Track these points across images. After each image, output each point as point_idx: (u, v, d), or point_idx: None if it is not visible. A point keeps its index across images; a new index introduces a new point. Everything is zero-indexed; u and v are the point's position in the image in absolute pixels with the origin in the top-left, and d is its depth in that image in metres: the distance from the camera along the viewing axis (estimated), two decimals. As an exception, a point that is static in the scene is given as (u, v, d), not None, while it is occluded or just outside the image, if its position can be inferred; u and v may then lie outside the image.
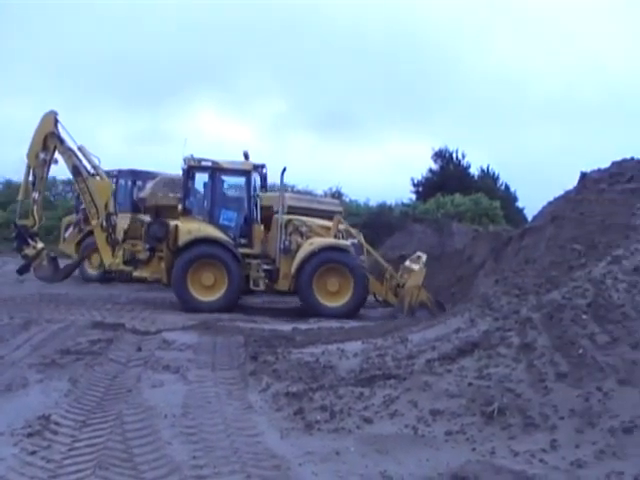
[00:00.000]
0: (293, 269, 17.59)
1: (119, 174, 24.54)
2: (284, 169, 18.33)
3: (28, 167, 19.56)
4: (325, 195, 39.83)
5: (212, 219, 18.17)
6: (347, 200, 40.83)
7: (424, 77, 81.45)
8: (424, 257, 18.26)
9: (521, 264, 12.31)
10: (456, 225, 32.13)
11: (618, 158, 13.58)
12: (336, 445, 6.74)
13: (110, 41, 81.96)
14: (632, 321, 7.98)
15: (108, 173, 22.31)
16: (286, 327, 14.18)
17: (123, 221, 23.02)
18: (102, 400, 8.29)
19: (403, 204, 43.26)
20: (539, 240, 12.97)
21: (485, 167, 51.50)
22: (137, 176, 24.84)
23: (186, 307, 17.16)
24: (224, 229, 18.09)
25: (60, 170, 20.94)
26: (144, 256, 18.37)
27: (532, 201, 46.76)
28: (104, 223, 18.69)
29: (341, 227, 18.95)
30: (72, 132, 19.62)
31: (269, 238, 18.47)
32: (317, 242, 17.84)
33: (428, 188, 47.93)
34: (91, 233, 23.12)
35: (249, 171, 18.46)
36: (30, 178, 19.83)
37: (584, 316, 8.27)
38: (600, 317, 8.19)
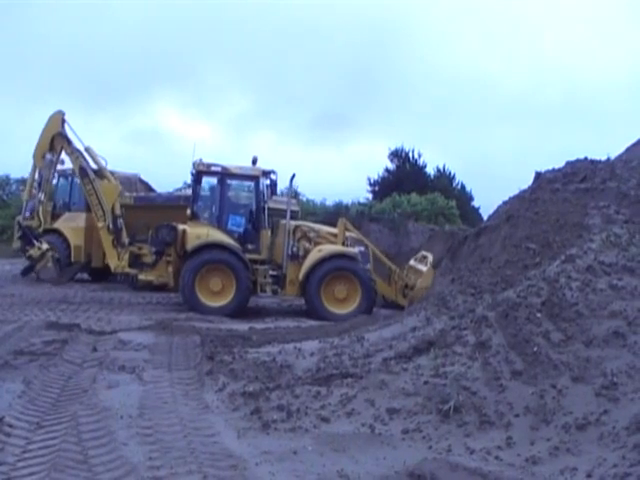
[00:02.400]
0: (301, 275, 17.51)
1: (74, 173, 24.24)
2: (293, 175, 18.48)
3: (34, 167, 19.22)
4: (282, 194, 39.77)
5: (220, 224, 18.06)
6: (304, 199, 40.74)
7: (383, 76, 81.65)
8: (430, 257, 18.32)
9: (477, 263, 12.42)
10: (412, 224, 32.24)
11: (572, 158, 13.76)
12: (293, 444, 6.75)
13: (69, 38, 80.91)
14: (585, 319, 8.09)
15: (64, 171, 22.06)
16: (243, 326, 14.17)
17: (78, 219, 22.86)
18: (57, 401, 8.20)
19: (359, 203, 43.21)
20: (494, 239, 13.08)
21: (441, 167, 51.83)
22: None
23: (193, 312, 16.90)
24: (232, 234, 17.97)
25: (14, 169, 20.64)
26: (150, 259, 18.14)
27: (487, 200, 47.07)
28: (111, 226, 18.35)
29: (349, 234, 18.88)
30: (31, 129, 19.40)
31: (276, 244, 18.40)
32: (326, 249, 17.78)
33: (384, 187, 48.01)
34: (45, 232, 22.87)
35: (258, 176, 18.34)
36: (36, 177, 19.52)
37: (538, 314, 8.36)
38: (554, 315, 8.29)
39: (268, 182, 18.76)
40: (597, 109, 78.60)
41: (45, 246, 19.16)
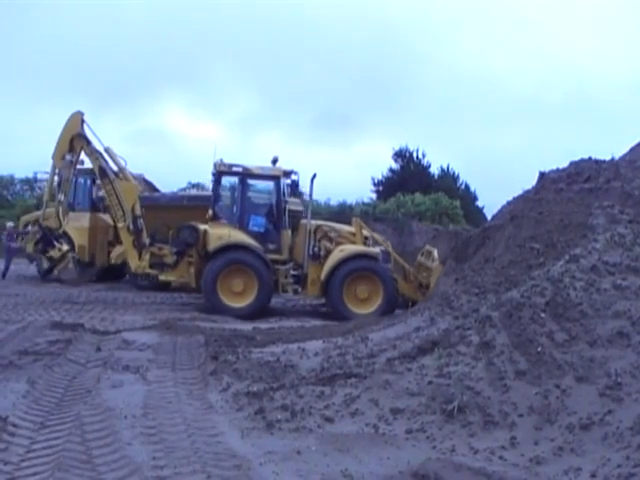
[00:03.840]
0: (323, 275, 17.42)
1: (78, 173, 24.20)
2: (314, 175, 18.25)
3: (54, 168, 19.11)
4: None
5: (241, 224, 18.03)
6: (307, 199, 40.77)
7: (387, 76, 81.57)
8: (435, 252, 18.29)
9: (481, 263, 12.40)
10: (416, 224, 32.30)
11: (576, 158, 13.73)
12: (297, 444, 6.75)
13: (75, 39, 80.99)
14: (589, 319, 8.09)
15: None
16: (246, 326, 14.17)
17: (83, 220, 22.86)
18: (61, 401, 8.20)
19: (364, 203, 43.19)
20: (499, 239, 13.07)
21: (445, 166, 51.82)
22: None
23: (215, 313, 16.85)
24: (253, 234, 17.91)
25: (18, 169, 20.48)
26: (171, 260, 18.11)
27: (492, 200, 47.17)
28: (131, 226, 18.25)
29: (366, 233, 18.78)
30: (36, 129, 19.28)
31: (297, 244, 18.35)
32: (347, 249, 17.72)
33: (388, 187, 48.02)
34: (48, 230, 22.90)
35: (278, 177, 18.30)
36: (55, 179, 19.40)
37: (542, 314, 8.36)
38: (558, 315, 8.29)
39: (289, 182, 18.66)
40: (601, 109, 78.57)
41: (65, 247, 19.01)
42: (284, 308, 19.61)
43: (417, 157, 51.29)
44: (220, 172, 18.24)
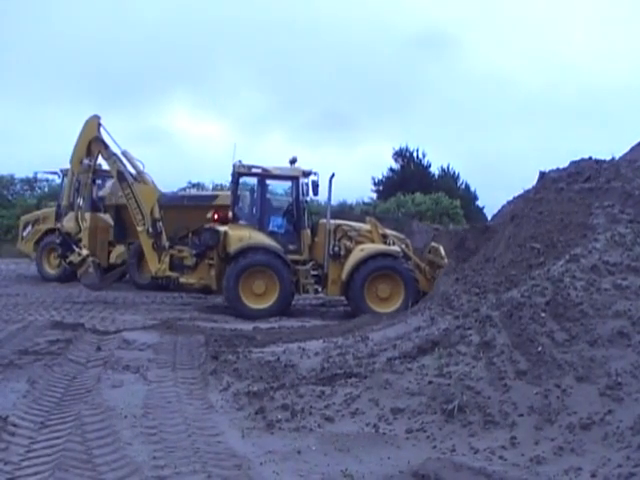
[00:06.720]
0: (344, 275, 17.35)
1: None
2: (332, 175, 18.18)
3: (72, 173, 19.05)
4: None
5: (261, 225, 17.99)
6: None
7: (388, 76, 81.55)
8: (441, 249, 18.30)
9: (481, 263, 12.40)
10: (417, 224, 32.20)
11: (577, 158, 13.72)
12: (297, 444, 6.75)
13: (80, 37, 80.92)
14: (590, 319, 8.09)
15: (68, 171, 22.01)
16: (247, 326, 14.17)
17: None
18: (61, 401, 8.20)
19: (364, 203, 43.30)
20: (499, 239, 13.07)
21: (445, 166, 51.88)
22: (97, 174, 24.49)
23: (238, 315, 16.81)
24: (273, 236, 17.87)
25: (19, 168, 20.42)
26: (191, 262, 18.02)
27: (492, 200, 47.22)
28: (150, 229, 18.20)
29: (384, 232, 18.62)
30: (37, 129, 19.19)
31: (316, 243, 18.23)
32: (368, 248, 17.63)
33: (389, 187, 48.08)
34: (49, 232, 22.92)
35: (297, 177, 18.28)
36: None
37: (543, 314, 8.35)
38: (558, 315, 8.28)
39: (308, 182, 18.54)
40: (602, 109, 78.57)
41: (85, 252, 18.90)
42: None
43: (417, 157, 51.40)
44: (239, 173, 18.14)
